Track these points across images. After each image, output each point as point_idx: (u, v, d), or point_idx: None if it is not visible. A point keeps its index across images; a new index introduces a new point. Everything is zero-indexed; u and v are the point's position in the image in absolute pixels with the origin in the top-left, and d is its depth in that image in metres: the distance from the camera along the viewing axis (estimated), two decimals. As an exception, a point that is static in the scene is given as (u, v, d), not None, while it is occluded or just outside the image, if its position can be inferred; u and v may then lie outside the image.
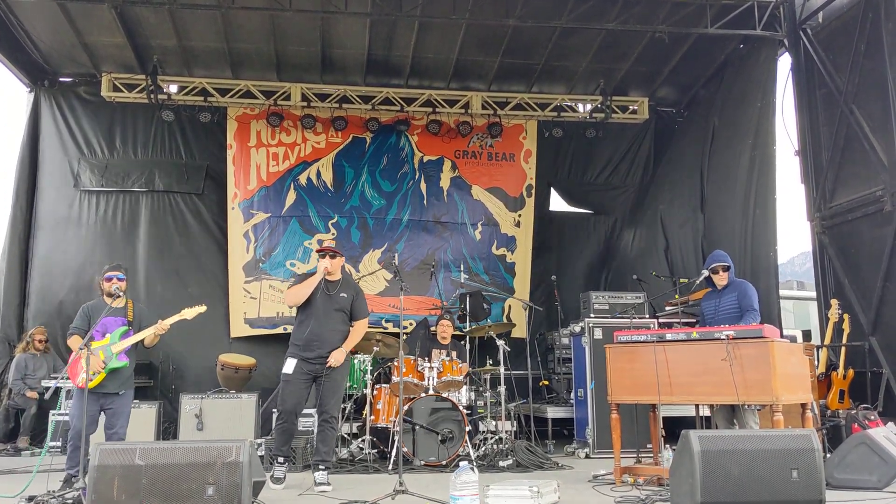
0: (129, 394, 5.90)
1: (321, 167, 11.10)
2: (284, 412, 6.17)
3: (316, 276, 6.29)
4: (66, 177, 10.66)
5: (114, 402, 5.73)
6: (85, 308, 5.92)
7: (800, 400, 5.69)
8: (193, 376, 10.12)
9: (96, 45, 10.03)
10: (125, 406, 5.82)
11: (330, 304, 6.27)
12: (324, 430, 6.18)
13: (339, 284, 6.38)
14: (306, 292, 6.22)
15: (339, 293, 6.33)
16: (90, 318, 5.78)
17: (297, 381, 6.15)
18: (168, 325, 5.85)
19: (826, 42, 8.87)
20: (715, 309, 6.44)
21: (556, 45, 10.12)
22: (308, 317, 6.24)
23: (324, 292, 6.27)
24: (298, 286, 6.32)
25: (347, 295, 6.37)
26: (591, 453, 7.80)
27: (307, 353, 6.16)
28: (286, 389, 6.18)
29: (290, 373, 6.15)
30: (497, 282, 11.20)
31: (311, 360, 6.16)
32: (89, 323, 5.75)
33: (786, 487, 4.33)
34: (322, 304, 6.24)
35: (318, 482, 5.91)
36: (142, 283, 10.42)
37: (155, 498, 3.96)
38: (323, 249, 6.41)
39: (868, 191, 8.17)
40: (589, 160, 12.08)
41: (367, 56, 10.42)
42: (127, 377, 5.85)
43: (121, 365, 5.74)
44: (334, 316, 6.28)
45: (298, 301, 6.26)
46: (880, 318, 7.94)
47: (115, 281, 5.86)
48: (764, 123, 9.26)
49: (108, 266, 6.06)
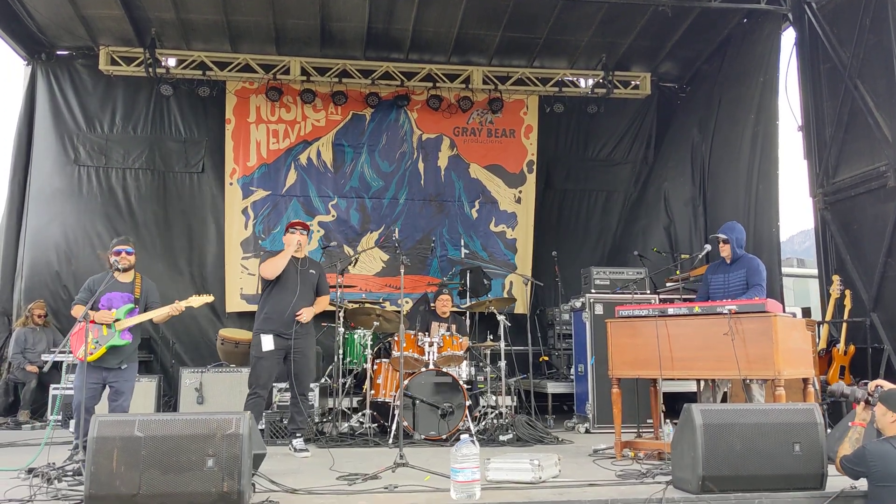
0: (133, 367, 5.92)
1: (321, 146, 11.04)
2: (258, 387, 6.32)
3: (289, 249, 6.44)
4: (64, 151, 10.53)
5: (117, 376, 5.74)
6: (90, 281, 5.95)
7: (802, 375, 5.69)
8: (193, 350, 10.16)
9: (94, 17, 9.90)
10: (128, 381, 5.84)
11: (302, 278, 6.48)
12: (298, 403, 6.42)
13: (307, 261, 6.63)
14: (282, 265, 6.38)
15: (308, 269, 6.57)
16: (94, 291, 5.76)
17: (272, 356, 6.31)
18: (183, 307, 5.92)
19: (830, 16, 8.78)
20: (725, 284, 6.36)
21: (558, 18, 10.00)
22: (283, 290, 6.40)
23: (293, 268, 6.46)
24: (274, 258, 6.46)
25: (315, 272, 6.64)
26: (590, 428, 7.81)
27: (284, 327, 6.31)
28: (260, 365, 6.33)
29: (271, 349, 6.28)
30: (496, 258, 11.18)
31: (285, 335, 6.31)
32: (92, 294, 5.73)
33: (788, 461, 4.34)
34: (293, 280, 6.43)
35: (297, 448, 6.26)
36: (140, 260, 10.31)
37: (154, 469, 3.95)
38: (294, 224, 6.64)
39: (871, 166, 8.12)
40: (591, 136, 11.98)
41: (367, 29, 10.30)
42: (130, 352, 5.86)
43: (123, 343, 5.74)
44: (304, 291, 6.48)
45: (275, 273, 6.39)
46: (882, 294, 7.92)
47: (123, 255, 5.86)
48: (767, 99, 9.19)
49: (117, 240, 6.08)
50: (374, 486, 4.70)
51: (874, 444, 4.10)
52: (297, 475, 5.07)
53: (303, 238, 6.54)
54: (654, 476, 4.91)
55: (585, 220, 11.85)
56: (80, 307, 5.68)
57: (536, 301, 10.62)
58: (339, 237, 10.83)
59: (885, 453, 3.97)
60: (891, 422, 4.11)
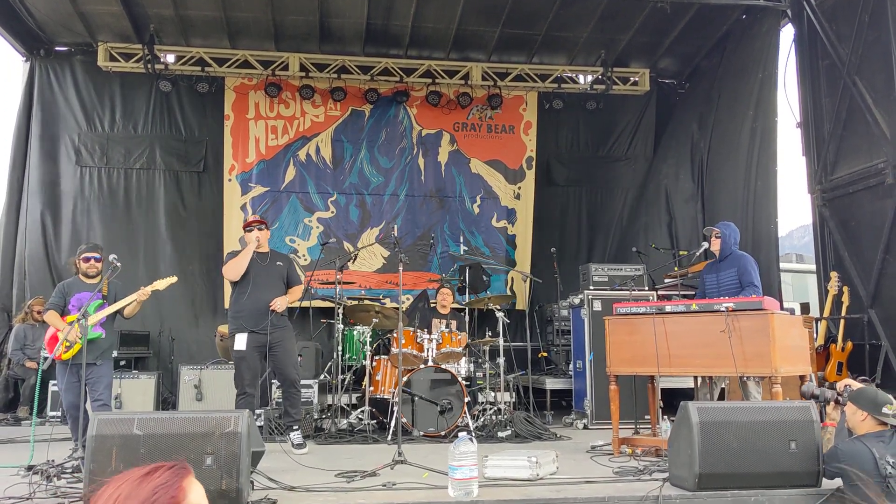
0: (108, 364, 6.04)
1: (320, 142, 11.04)
2: (245, 387, 6.30)
3: (249, 247, 6.47)
4: (63, 148, 10.56)
5: (92, 371, 5.81)
6: (61, 286, 6.08)
7: (799, 372, 5.71)
8: (192, 347, 10.18)
9: (92, 13, 9.90)
10: (105, 375, 5.93)
11: (267, 273, 6.49)
12: (289, 395, 6.45)
13: (269, 256, 6.63)
14: (244, 264, 6.40)
15: (274, 262, 6.59)
16: (66, 295, 5.92)
17: (250, 355, 6.31)
18: (149, 292, 5.95)
19: (829, 12, 8.78)
20: (717, 283, 6.39)
21: (557, 14, 10.00)
22: (248, 287, 6.40)
23: (258, 264, 6.47)
24: (234, 260, 6.48)
25: (283, 264, 6.66)
26: (589, 424, 7.83)
27: (253, 323, 6.30)
28: (242, 366, 6.32)
29: (243, 349, 6.29)
30: (498, 254, 11.19)
31: (258, 331, 6.30)
32: (65, 300, 5.89)
33: (784, 459, 4.34)
34: (260, 275, 6.45)
35: (295, 443, 6.25)
36: (141, 258, 10.42)
37: (153, 467, 3.96)
38: (251, 223, 6.66)
39: (870, 163, 8.13)
40: (590, 132, 11.98)
41: (366, 25, 10.29)
42: (105, 349, 5.97)
43: (96, 335, 5.82)
44: (274, 284, 6.49)
45: (239, 273, 6.41)
46: (879, 291, 7.94)
47: (92, 262, 6.02)
48: (766, 95, 9.21)
49: (86, 246, 6.18)
50: (372, 483, 4.71)
51: (846, 443, 4.15)
52: (295, 472, 5.09)
53: (261, 234, 6.54)
54: (651, 473, 4.93)
55: (585, 217, 11.84)
56: (52, 312, 5.83)
57: (535, 297, 10.64)
58: (338, 233, 10.84)
59: (856, 452, 4.00)
60: (860, 420, 4.16)
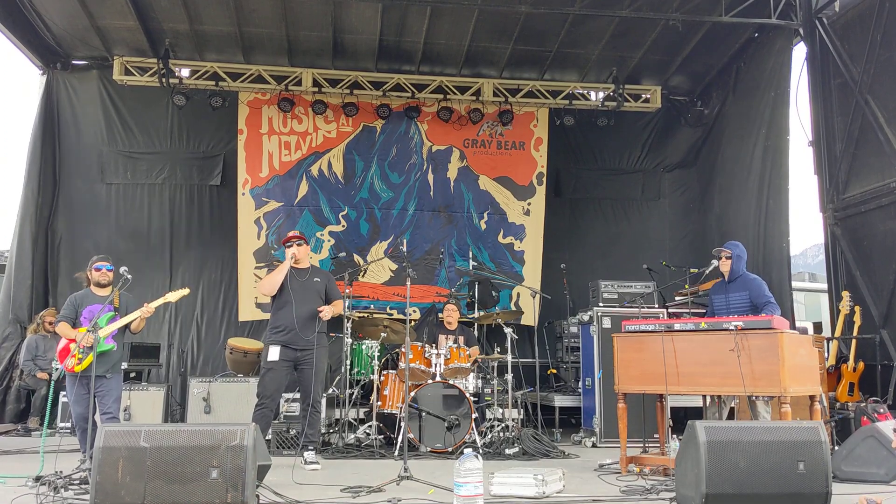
0: (118, 378, 6.05)
1: (332, 158, 11.10)
2: (266, 398, 6.37)
3: (285, 263, 6.56)
4: (83, 162, 10.73)
5: (102, 384, 5.83)
6: (73, 298, 6.09)
7: (808, 392, 5.67)
8: (202, 359, 10.24)
9: (108, 28, 10.01)
10: (115, 388, 5.94)
11: (305, 289, 6.54)
12: (310, 415, 6.44)
13: (309, 271, 6.70)
14: (279, 279, 6.48)
15: (311, 278, 6.64)
16: (77, 307, 5.94)
17: (280, 367, 6.38)
18: (153, 308, 5.99)
19: (842, 32, 8.78)
20: (726, 304, 6.38)
21: (569, 32, 10.03)
22: (285, 304, 6.47)
23: (296, 279, 6.52)
24: (270, 275, 6.61)
25: (321, 280, 6.70)
26: (597, 442, 7.80)
27: (289, 339, 6.38)
28: (268, 376, 6.39)
29: (275, 360, 6.37)
30: (504, 270, 11.18)
31: (292, 346, 6.38)
32: (77, 312, 5.91)
33: (792, 479, 4.31)
34: (298, 291, 6.49)
35: (308, 461, 6.23)
36: (166, 271, 10.62)
37: (159, 480, 3.97)
38: (289, 238, 6.71)
39: (882, 182, 8.11)
40: (601, 148, 11.96)
41: (378, 42, 10.37)
42: (115, 361, 6.00)
43: (108, 348, 5.84)
44: (312, 300, 6.52)
45: (273, 289, 6.50)
46: (892, 311, 7.90)
47: (104, 271, 6.03)
48: (778, 113, 9.20)
49: (97, 257, 6.20)
50: (377, 498, 4.71)
51: None
52: (301, 487, 5.09)
53: (299, 249, 6.61)
54: (658, 492, 4.91)
55: (596, 233, 11.82)
56: (64, 324, 5.85)
57: (545, 313, 10.60)
58: (349, 247, 10.89)
59: None
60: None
